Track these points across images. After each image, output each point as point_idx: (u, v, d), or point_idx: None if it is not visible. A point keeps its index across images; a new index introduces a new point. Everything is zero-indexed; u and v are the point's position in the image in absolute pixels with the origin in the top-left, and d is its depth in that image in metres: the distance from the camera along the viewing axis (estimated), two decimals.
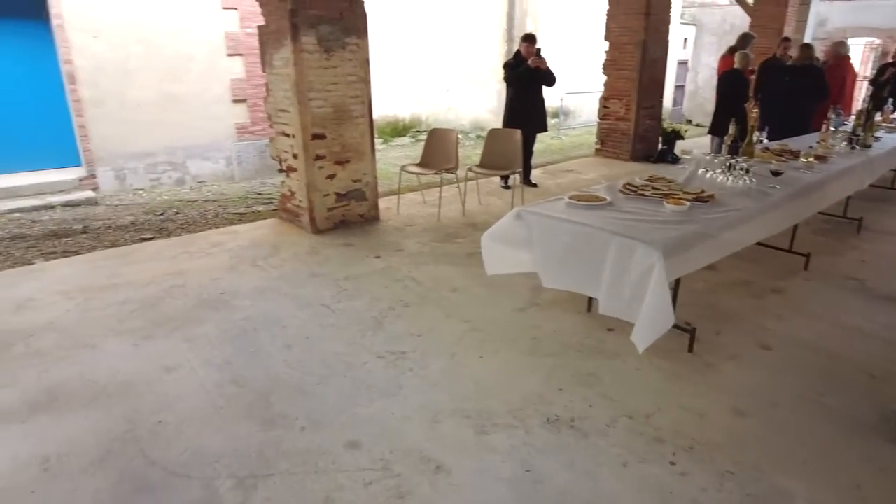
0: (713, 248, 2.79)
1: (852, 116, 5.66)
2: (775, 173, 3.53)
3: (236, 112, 8.45)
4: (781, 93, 6.40)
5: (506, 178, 6.52)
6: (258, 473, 2.13)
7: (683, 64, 15.32)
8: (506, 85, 6.50)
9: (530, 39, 6.24)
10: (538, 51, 6.12)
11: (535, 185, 6.67)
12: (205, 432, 2.36)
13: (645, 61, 7.86)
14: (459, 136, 5.96)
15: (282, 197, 5.29)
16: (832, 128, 5.12)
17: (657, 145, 8.53)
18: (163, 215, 6.53)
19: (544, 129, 6.62)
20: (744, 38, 7.63)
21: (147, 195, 7.53)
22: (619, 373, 2.79)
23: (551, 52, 6.65)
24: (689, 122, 14.56)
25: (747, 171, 3.47)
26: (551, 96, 8.26)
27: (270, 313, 3.43)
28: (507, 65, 6.43)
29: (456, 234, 4.92)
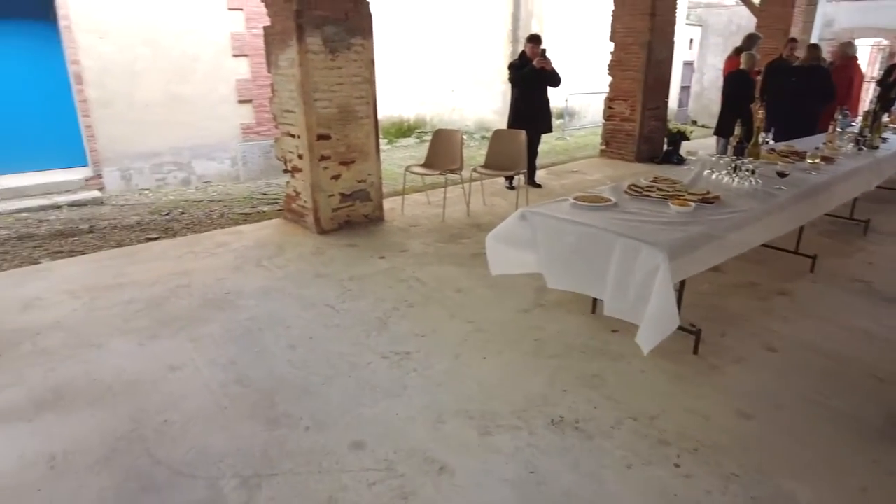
0: (718, 250, 2.77)
1: (859, 117, 5.63)
2: (781, 174, 3.52)
3: (242, 112, 8.48)
4: (787, 94, 6.37)
5: (510, 178, 6.51)
6: (262, 473, 2.13)
7: (689, 65, 15.26)
8: (511, 86, 6.49)
9: (535, 40, 6.23)
10: (543, 51, 6.11)
11: (539, 186, 6.66)
12: (209, 432, 2.37)
13: (650, 62, 7.84)
14: (464, 136, 5.95)
15: (287, 197, 5.30)
16: (839, 129, 5.09)
17: (662, 146, 8.50)
18: (168, 215, 6.56)
19: (549, 129, 6.61)
20: (750, 39, 7.60)
21: (153, 195, 7.57)
22: (624, 374, 2.78)
23: (556, 53, 6.65)
24: (695, 123, 14.51)
25: (753, 172, 3.45)
26: (556, 97, 8.24)
27: (275, 313, 3.43)
28: (512, 65, 6.43)
29: (460, 234, 4.92)
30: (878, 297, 3.71)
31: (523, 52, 6.35)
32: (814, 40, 9.65)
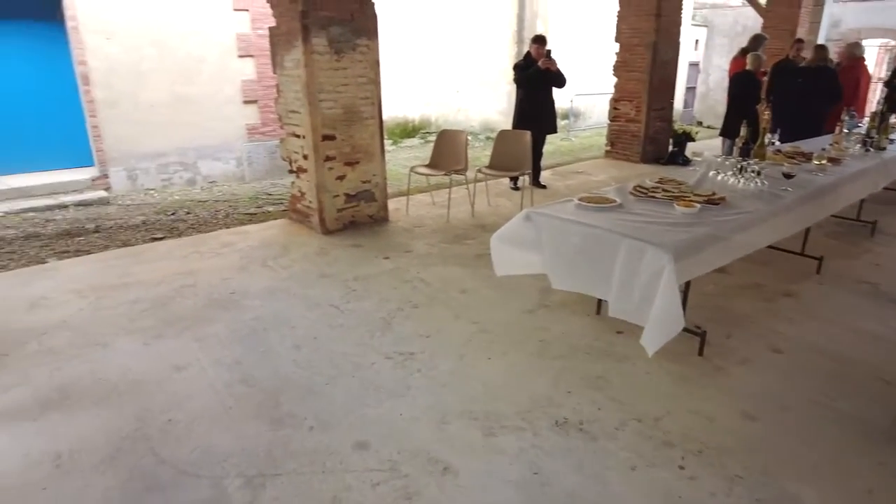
0: (724, 251, 2.76)
1: (866, 118, 5.60)
2: (787, 176, 3.50)
3: (247, 113, 8.51)
4: (794, 94, 6.34)
5: (515, 179, 6.51)
6: (266, 473, 2.14)
7: (694, 66, 15.23)
8: (516, 86, 6.49)
9: (540, 41, 6.23)
10: (548, 52, 6.11)
11: (544, 187, 6.65)
12: (214, 431, 2.37)
13: (655, 63, 7.82)
14: (469, 137, 5.96)
15: (292, 198, 5.31)
16: (846, 130, 5.07)
17: (668, 147, 8.48)
18: (174, 215, 6.58)
19: (554, 130, 6.60)
20: (755, 40, 7.57)
21: (158, 195, 7.60)
22: (629, 376, 2.78)
23: (561, 54, 6.64)
24: (700, 124, 14.47)
25: (759, 173, 3.44)
26: (561, 98, 8.25)
27: (280, 313, 3.44)
28: (517, 66, 6.42)
29: (465, 235, 4.92)
30: (884, 299, 3.69)
31: (528, 52, 6.35)
32: (820, 41, 9.61)
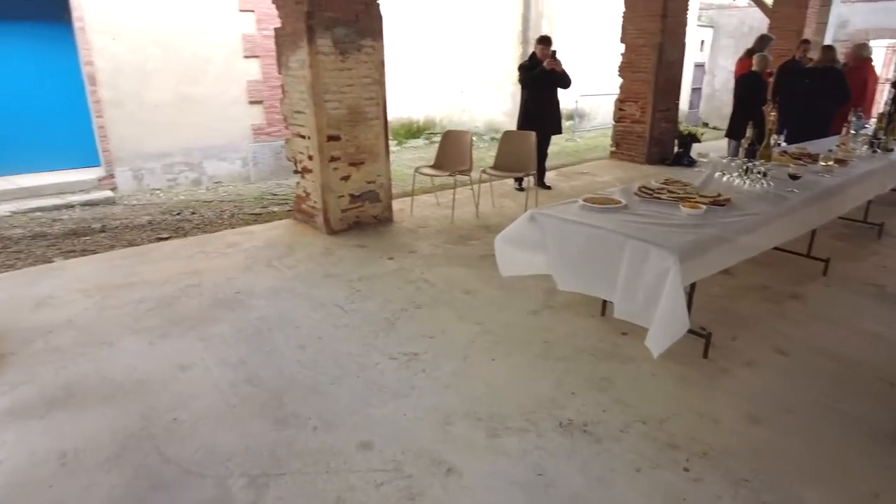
0: (729, 253, 2.75)
1: (873, 119, 5.56)
2: (793, 177, 3.49)
3: (252, 113, 8.54)
4: (800, 95, 6.31)
5: (520, 180, 6.50)
6: (270, 473, 2.14)
7: (700, 66, 15.18)
8: (520, 87, 6.49)
9: (546, 41, 6.21)
10: (553, 53, 6.10)
11: (549, 188, 6.65)
12: (218, 431, 2.38)
13: (661, 64, 7.80)
14: (473, 138, 5.96)
15: (297, 198, 5.32)
16: (852, 131, 5.04)
17: (673, 148, 8.45)
18: (179, 215, 6.61)
19: (559, 131, 6.59)
20: (761, 40, 7.54)
21: (164, 195, 7.63)
22: (633, 377, 2.77)
23: (567, 55, 6.63)
24: (706, 126, 14.42)
25: (765, 174, 3.42)
26: (566, 98, 8.22)
27: (285, 313, 3.45)
28: (522, 67, 6.41)
29: (469, 236, 4.92)
30: (891, 301, 3.66)
31: (533, 53, 6.34)
32: (827, 42, 9.56)
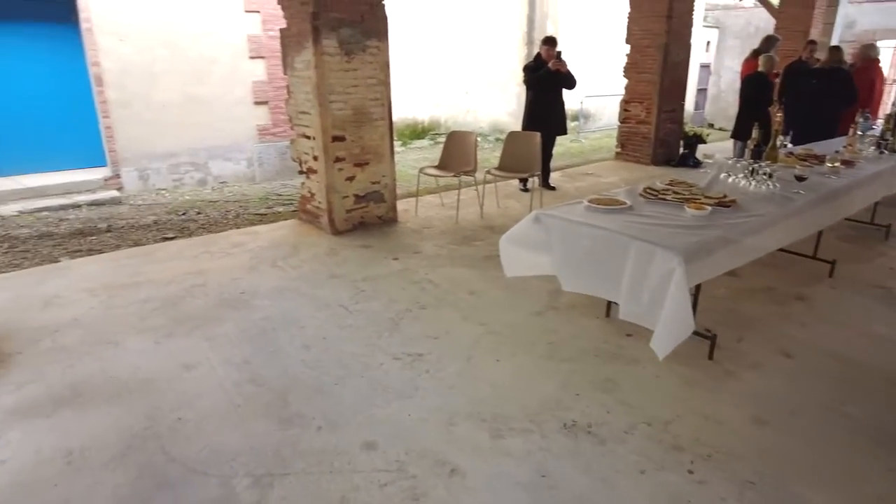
0: (735, 254, 2.74)
1: (880, 120, 5.53)
2: (800, 178, 3.47)
3: (258, 114, 8.56)
4: (807, 96, 6.28)
5: (524, 181, 6.50)
6: (275, 472, 2.15)
7: (706, 67, 15.14)
8: (525, 88, 6.48)
9: (550, 42, 6.21)
10: (558, 54, 6.10)
11: (553, 189, 6.64)
12: (223, 430, 2.39)
13: (666, 64, 7.78)
14: (478, 138, 5.95)
15: (302, 198, 5.33)
16: (860, 132, 5.01)
17: (678, 149, 8.43)
18: (185, 215, 6.63)
19: (564, 132, 6.59)
20: (767, 41, 7.51)
21: (169, 195, 7.66)
22: (638, 379, 2.76)
23: (572, 55, 6.62)
24: (711, 127, 14.38)
25: (770, 175, 3.41)
26: (571, 99, 8.22)
27: (289, 313, 3.46)
28: (527, 68, 6.41)
29: (474, 236, 4.92)
30: None
31: (538, 54, 6.34)
32: (834, 42, 9.51)
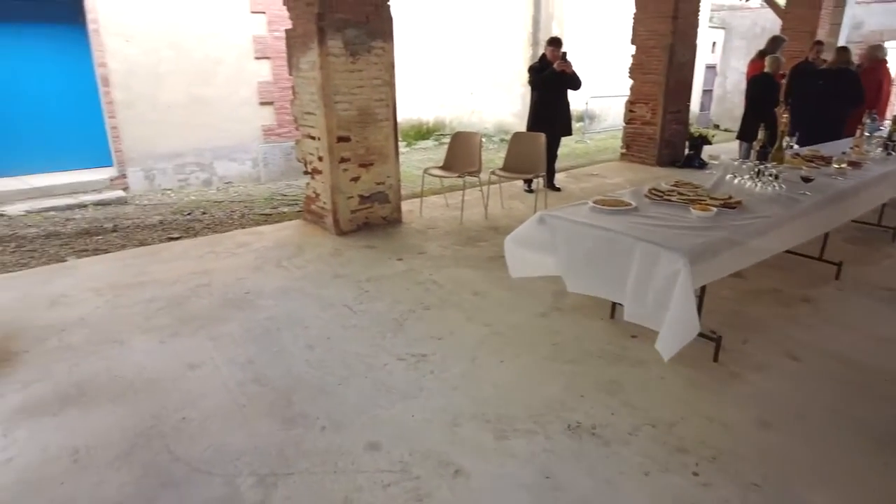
0: (740, 256, 2.73)
1: (888, 121, 5.50)
2: (806, 179, 3.45)
3: (263, 114, 8.59)
4: (813, 97, 6.25)
5: (529, 181, 6.49)
6: (278, 472, 2.15)
7: (711, 68, 15.09)
8: (530, 88, 6.48)
9: (556, 43, 6.21)
10: (564, 54, 6.09)
11: (558, 190, 6.63)
12: (227, 430, 2.39)
13: (672, 65, 7.76)
14: (483, 139, 5.95)
15: (306, 199, 5.34)
16: (867, 133, 4.98)
17: (684, 150, 8.41)
18: (190, 215, 6.65)
19: (569, 132, 6.58)
20: (774, 42, 7.47)
21: (175, 195, 7.69)
22: (642, 381, 2.75)
23: (577, 56, 6.61)
24: (717, 128, 14.34)
25: (776, 177, 3.39)
26: (576, 100, 8.21)
27: (293, 313, 3.46)
28: (532, 68, 6.41)
29: (478, 237, 4.92)
30: None
31: (544, 54, 6.33)
32: (841, 43, 9.46)
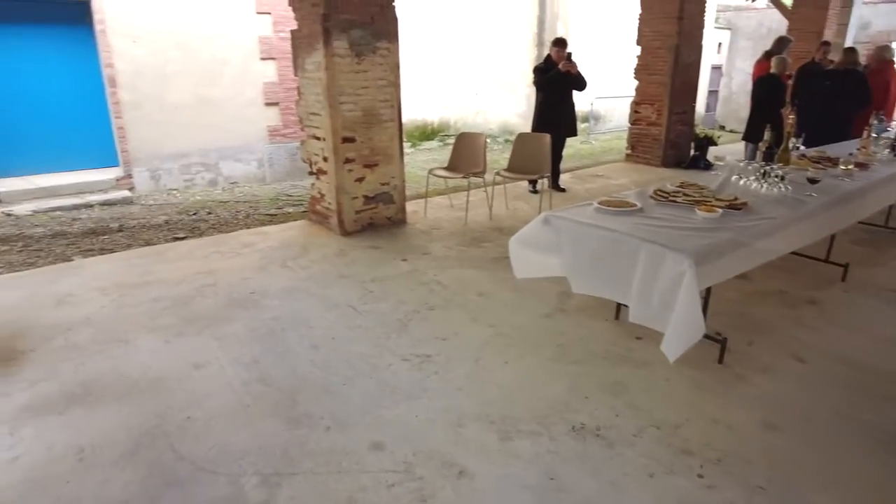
0: (746, 257, 2.72)
1: (895, 122, 5.47)
2: (812, 181, 3.44)
3: (268, 115, 8.61)
4: (820, 98, 6.22)
5: (534, 182, 6.48)
6: (283, 472, 2.15)
7: (717, 69, 15.05)
8: (535, 89, 6.47)
9: (561, 44, 6.20)
10: (569, 55, 6.08)
11: (563, 190, 6.62)
12: (232, 429, 2.40)
13: (677, 66, 7.74)
14: (488, 140, 5.95)
15: (311, 199, 5.36)
16: (874, 134, 4.95)
17: (689, 151, 8.38)
18: (195, 215, 6.68)
19: (574, 133, 6.57)
20: (780, 42, 7.45)
21: (181, 195, 7.72)
22: (647, 382, 2.74)
23: (582, 57, 6.60)
24: (723, 128, 14.29)
25: (782, 178, 3.37)
26: (581, 101, 8.20)
27: (298, 313, 3.47)
28: (537, 69, 6.40)
29: (483, 238, 4.91)
30: None
31: (549, 55, 6.32)
32: (848, 43, 9.42)
